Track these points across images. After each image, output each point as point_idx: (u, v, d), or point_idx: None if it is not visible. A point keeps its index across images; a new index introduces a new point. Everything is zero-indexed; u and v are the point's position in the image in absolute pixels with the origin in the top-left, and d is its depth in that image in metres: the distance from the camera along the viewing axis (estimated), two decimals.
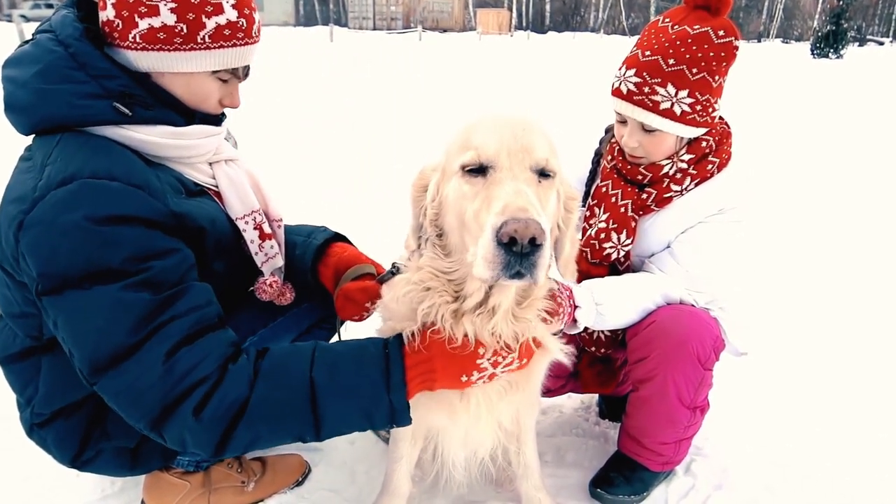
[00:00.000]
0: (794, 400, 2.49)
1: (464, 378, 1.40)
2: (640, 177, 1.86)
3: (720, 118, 1.90)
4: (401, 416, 1.40)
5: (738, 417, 2.33)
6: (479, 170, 1.25)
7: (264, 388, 1.33)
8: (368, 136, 7.52)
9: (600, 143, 2.07)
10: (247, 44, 1.48)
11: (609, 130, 2.04)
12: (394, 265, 1.57)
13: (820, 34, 35.28)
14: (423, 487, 1.90)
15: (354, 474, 2.02)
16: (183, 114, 1.50)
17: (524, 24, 68.16)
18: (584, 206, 2.01)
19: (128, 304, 1.27)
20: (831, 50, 33.68)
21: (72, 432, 1.54)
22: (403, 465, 1.74)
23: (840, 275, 3.80)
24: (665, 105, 1.71)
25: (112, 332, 1.27)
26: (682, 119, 1.72)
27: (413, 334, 1.40)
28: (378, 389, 1.37)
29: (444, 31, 59.03)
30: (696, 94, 1.70)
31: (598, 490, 1.94)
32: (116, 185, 1.31)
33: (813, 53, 34.32)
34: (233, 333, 1.43)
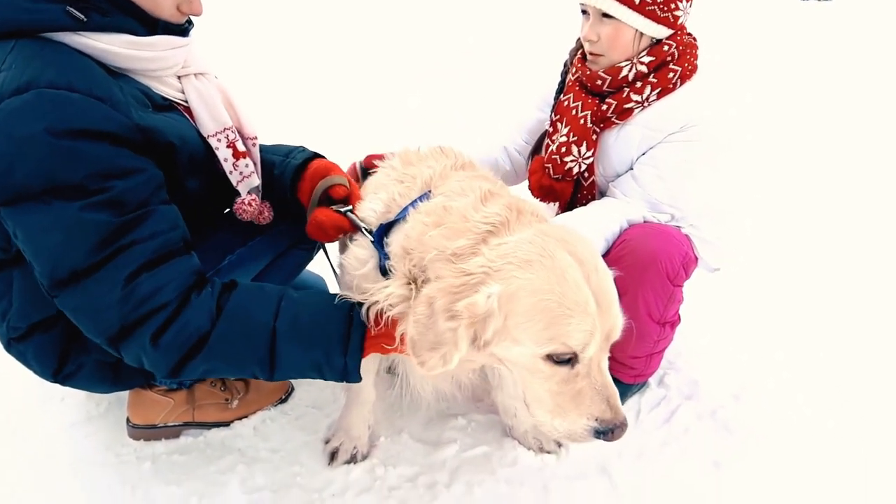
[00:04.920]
0: (762, 315, 2.56)
1: None
2: (599, 81, 1.85)
3: (688, 33, 1.89)
4: (352, 376, 1.44)
5: (708, 333, 2.41)
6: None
7: (225, 328, 1.36)
8: (354, 60, 7.30)
9: (569, 55, 2.05)
10: None
11: (577, 43, 2.02)
12: (369, 231, 1.52)
13: None
14: (405, 402, 1.96)
15: (337, 392, 2.06)
16: (144, 23, 1.44)
17: None
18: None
19: (87, 224, 1.26)
20: None
21: (51, 346, 1.56)
22: (369, 378, 1.77)
23: (818, 197, 3.80)
24: None
25: (70, 251, 1.27)
26: (640, 9, 1.72)
27: (379, 313, 1.38)
28: (335, 351, 1.40)
29: None
30: None
31: None
32: (77, 97, 1.27)
33: None
34: (197, 261, 1.43)
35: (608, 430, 1.23)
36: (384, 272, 1.43)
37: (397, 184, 1.57)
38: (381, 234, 1.48)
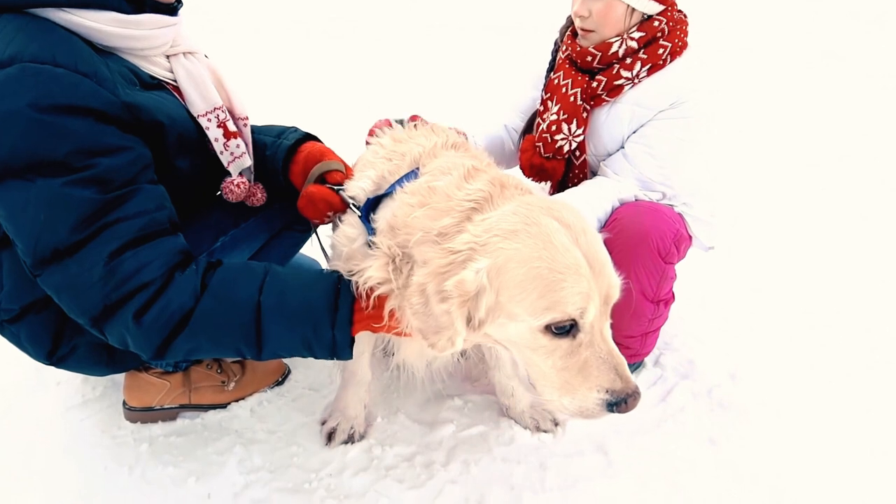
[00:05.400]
0: (757, 294, 2.57)
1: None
2: (589, 58, 1.84)
3: (679, 10, 1.88)
4: (342, 352, 1.40)
5: (703, 313, 2.41)
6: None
7: (209, 304, 1.34)
8: (345, 41, 7.24)
9: (560, 32, 2.04)
10: None
11: (568, 21, 2.01)
12: (356, 207, 1.51)
13: None
14: (401, 383, 1.96)
15: (333, 374, 2.06)
16: (132, 0, 1.42)
17: None
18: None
19: (70, 200, 1.25)
20: None
21: (44, 327, 1.55)
22: (365, 358, 1.77)
23: (808, 175, 3.80)
24: None
25: (53, 227, 1.25)
26: None
27: (368, 291, 1.36)
28: (322, 323, 1.37)
29: None
30: None
31: None
32: (61, 72, 1.25)
33: None
34: (183, 241, 1.42)
35: (621, 401, 1.19)
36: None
37: (386, 161, 1.55)
38: (367, 209, 1.47)
